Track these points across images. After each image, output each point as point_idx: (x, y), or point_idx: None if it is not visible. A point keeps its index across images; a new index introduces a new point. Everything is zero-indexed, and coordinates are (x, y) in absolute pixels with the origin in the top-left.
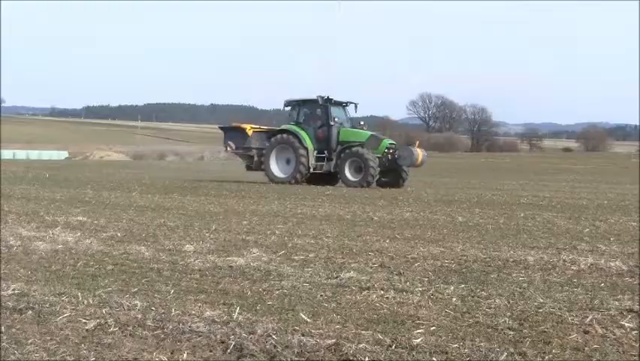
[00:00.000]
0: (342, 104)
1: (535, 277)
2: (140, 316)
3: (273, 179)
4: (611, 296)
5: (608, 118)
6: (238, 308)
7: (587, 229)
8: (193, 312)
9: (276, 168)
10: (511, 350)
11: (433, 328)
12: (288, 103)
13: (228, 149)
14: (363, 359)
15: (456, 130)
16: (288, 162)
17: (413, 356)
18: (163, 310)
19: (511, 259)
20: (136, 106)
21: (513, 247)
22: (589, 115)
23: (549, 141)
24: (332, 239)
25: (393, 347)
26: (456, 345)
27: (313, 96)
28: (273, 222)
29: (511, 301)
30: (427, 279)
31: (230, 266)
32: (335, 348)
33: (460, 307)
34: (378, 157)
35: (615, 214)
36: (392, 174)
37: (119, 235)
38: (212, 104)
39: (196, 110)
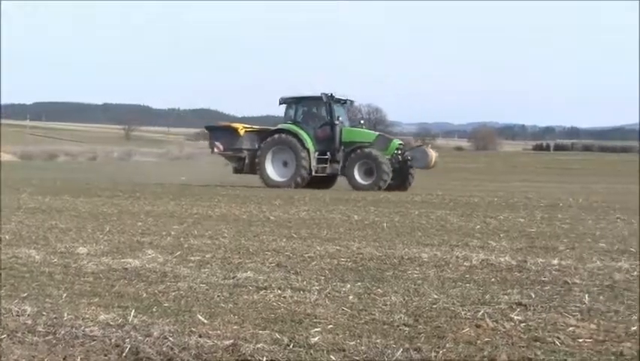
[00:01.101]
0: (342, 102)
1: (429, 274)
2: (30, 321)
3: (268, 183)
4: (501, 291)
5: (498, 118)
6: (133, 311)
7: (479, 226)
8: (86, 316)
9: (272, 170)
10: (407, 345)
11: (330, 326)
12: (283, 100)
13: (215, 150)
14: (261, 358)
15: None
16: (285, 164)
17: (311, 354)
18: (55, 315)
19: (406, 257)
20: (24, 105)
21: (408, 244)
22: (479, 115)
23: (442, 140)
24: (228, 239)
25: (291, 346)
26: (353, 343)
27: (317, 93)
28: (168, 222)
29: (406, 298)
30: (323, 277)
31: (125, 268)
32: (233, 349)
33: (356, 305)
34: (388, 158)
35: (504, 211)
36: (398, 176)
37: (7, 237)
38: (105, 103)
39: (88, 110)
